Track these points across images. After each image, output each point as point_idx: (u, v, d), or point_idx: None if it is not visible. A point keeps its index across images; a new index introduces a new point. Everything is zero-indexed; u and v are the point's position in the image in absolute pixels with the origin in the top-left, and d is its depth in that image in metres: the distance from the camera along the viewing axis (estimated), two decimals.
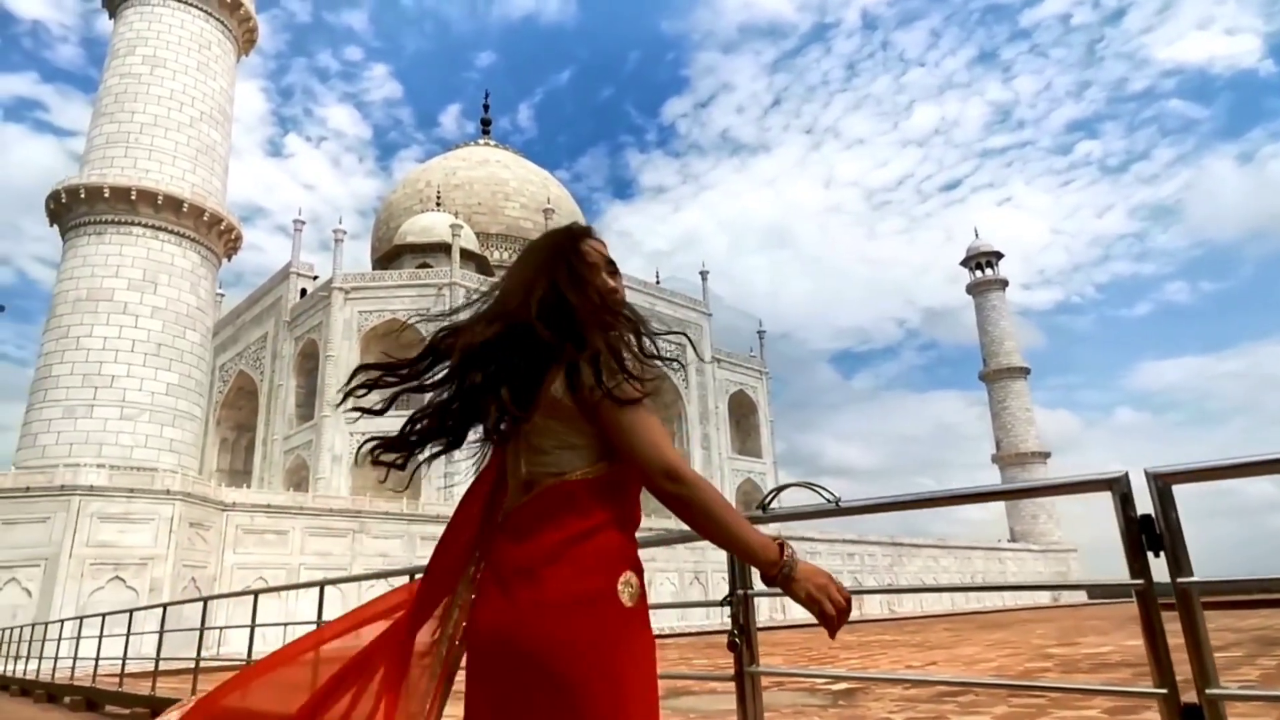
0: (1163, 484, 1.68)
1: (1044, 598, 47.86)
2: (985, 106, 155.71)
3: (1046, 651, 10.87)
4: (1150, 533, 1.68)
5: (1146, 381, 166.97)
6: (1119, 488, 1.72)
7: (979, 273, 62.62)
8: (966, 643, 14.01)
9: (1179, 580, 1.63)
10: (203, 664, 6.32)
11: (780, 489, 2.33)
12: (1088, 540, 57.52)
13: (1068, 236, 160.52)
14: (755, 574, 2.16)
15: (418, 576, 1.57)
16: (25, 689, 11.33)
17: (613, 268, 1.54)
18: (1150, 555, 1.67)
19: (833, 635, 1.27)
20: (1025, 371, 59.26)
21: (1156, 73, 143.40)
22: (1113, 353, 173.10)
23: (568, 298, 1.43)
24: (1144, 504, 1.69)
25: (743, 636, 2.30)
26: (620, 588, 1.32)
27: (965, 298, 64.02)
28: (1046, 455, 56.72)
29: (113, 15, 25.85)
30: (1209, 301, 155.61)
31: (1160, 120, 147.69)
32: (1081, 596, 47.51)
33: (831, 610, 1.25)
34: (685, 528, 1.41)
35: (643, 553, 1.49)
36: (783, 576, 1.28)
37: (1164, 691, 1.66)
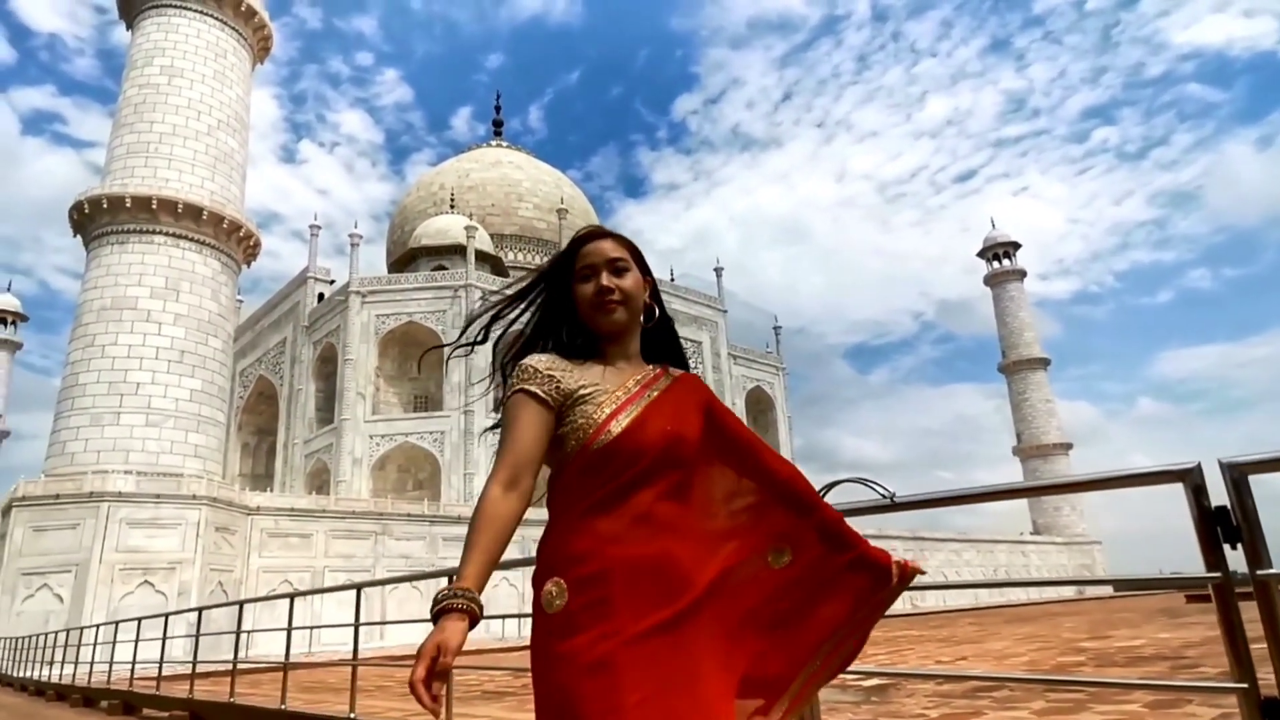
0: (1238, 474, 1.64)
1: (1068, 590, 47.34)
2: (999, 96, 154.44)
3: (1078, 645, 10.72)
4: (1226, 524, 1.64)
5: (1169, 371, 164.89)
6: (1191, 479, 1.68)
7: (996, 263, 62.00)
8: (995, 637, 13.87)
9: (1259, 572, 1.59)
10: (240, 666, 6.37)
11: (833, 484, 2.31)
12: (1110, 532, 56.88)
13: (1085, 225, 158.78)
14: None
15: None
16: (61, 693, 11.51)
17: (614, 266, 1.55)
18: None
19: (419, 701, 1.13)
20: (1045, 362, 58.63)
21: (1174, 56, 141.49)
22: (1133, 342, 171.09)
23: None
24: (1216, 495, 1.66)
25: None
26: (544, 598, 1.33)
27: (981, 289, 63.46)
28: (1069, 447, 56.08)
29: (130, 26, 26.17)
30: (1232, 288, 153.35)
31: (1179, 105, 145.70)
32: (1107, 589, 46.97)
33: (412, 677, 1.14)
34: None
35: None
36: (434, 614, 1.23)
37: (1244, 686, 1.62)
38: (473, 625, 1.26)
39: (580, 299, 1.54)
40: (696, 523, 1.46)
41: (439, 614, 1.23)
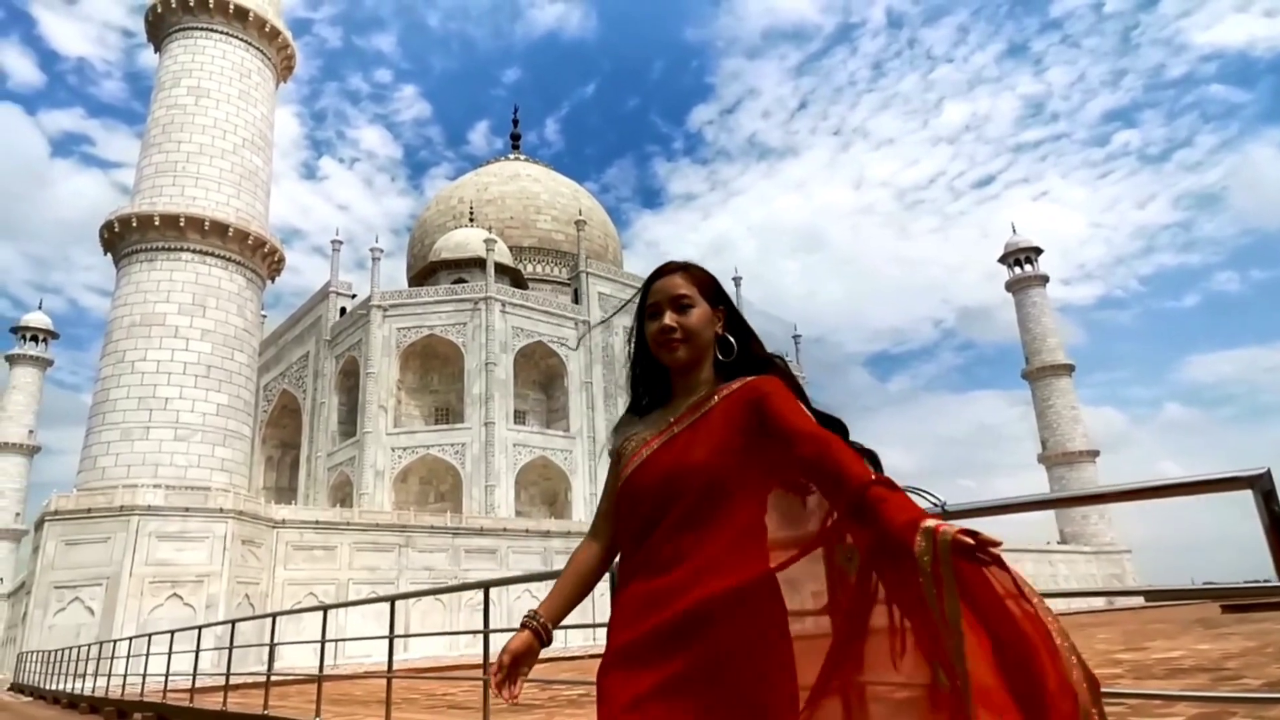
0: None
1: (1098, 601, 46.46)
2: (1017, 100, 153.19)
3: (1114, 657, 10.50)
4: None
5: (1196, 375, 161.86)
6: (1261, 485, 1.63)
7: (1018, 269, 61.33)
8: None
9: None
10: (272, 678, 6.41)
11: None
12: (1138, 541, 55.66)
13: (1108, 229, 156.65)
14: None
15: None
16: (94, 706, 11.64)
17: (679, 303, 1.58)
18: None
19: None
20: (1070, 369, 57.81)
21: (1195, 58, 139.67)
22: (1159, 347, 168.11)
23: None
24: None
25: None
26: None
27: (1002, 295, 62.84)
28: (1095, 454, 55.19)
29: (158, 49, 26.75)
30: (1260, 290, 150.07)
31: (1201, 106, 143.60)
32: (1138, 599, 46.05)
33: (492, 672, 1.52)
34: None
35: None
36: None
37: None
38: (541, 642, 1.56)
39: (649, 337, 1.60)
40: (724, 542, 1.39)
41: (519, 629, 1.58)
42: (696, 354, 1.58)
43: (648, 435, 1.56)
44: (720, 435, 1.47)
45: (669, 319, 1.56)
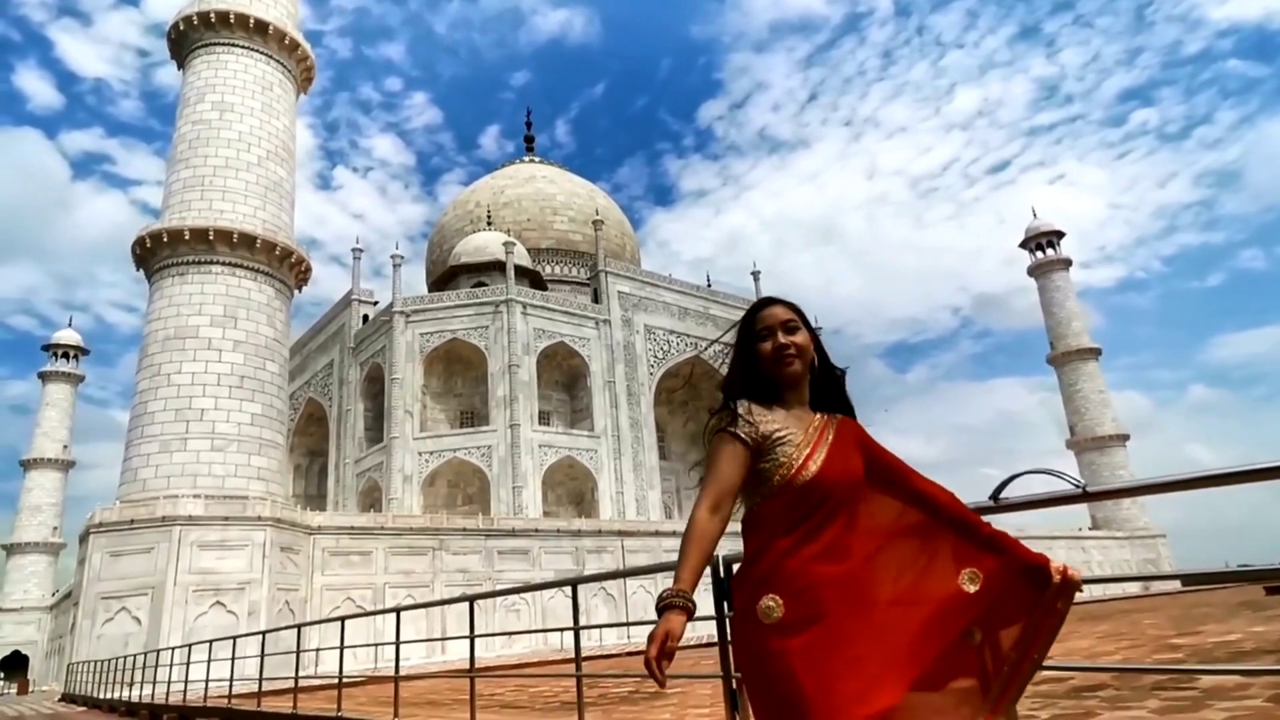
0: None
1: (1133, 587, 45.85)
2: (1030, 84, 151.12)
3: (1169, 642, 10.35)
4: None
5: (1224, 356, 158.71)
6: None
7: (1040, 253, 60.60)
8: (1074, 635, 13.44)
9: None
10: (341, 680, 6.50)
11: (1014, 476, 2.28)
12: (1169, 526, 54.75)
13: (1128, 210, 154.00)
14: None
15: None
16: (155, 713, 11.82)
17: (787, 326, 1.89)
18: None
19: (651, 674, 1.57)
20: (1096, 352, 57.05)
21: (1212, 33, 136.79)
22: (1183, 328, 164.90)
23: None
24: None
25: None
26: (762, 611, 1.64)
27: (1019, 281, 62.25)
28: (1125, 438, 54.47)
29: (181, 66, 27.10)
30: None
31: (1220, 82, 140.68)
32: (1175, 584, 45.40)
33: (646, 655, 1.57)
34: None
35: None
36: (659, 609, 1.66)
37: None
38: (689, 619, 1.65)
39: (762, 355, 1.89)
40: (865, 547, 1.73)
41: (664, 609, 1.63)
42: (805, 368, 1.89)
43: (797, 437, 1.79)
44: (858, 458, 1.82)
45: (783, 338, 1.87)
